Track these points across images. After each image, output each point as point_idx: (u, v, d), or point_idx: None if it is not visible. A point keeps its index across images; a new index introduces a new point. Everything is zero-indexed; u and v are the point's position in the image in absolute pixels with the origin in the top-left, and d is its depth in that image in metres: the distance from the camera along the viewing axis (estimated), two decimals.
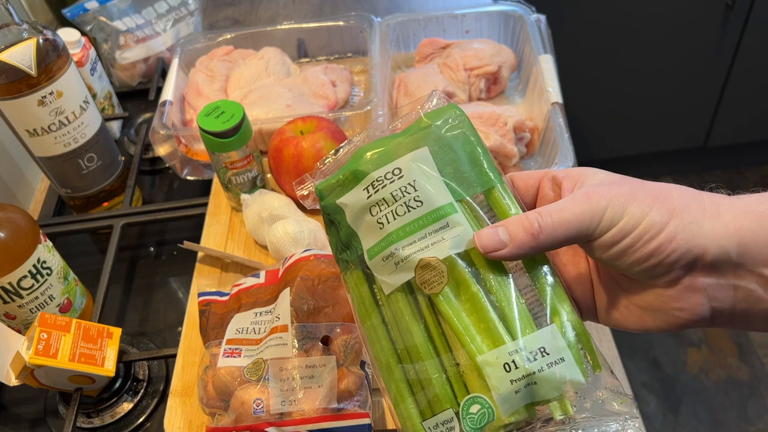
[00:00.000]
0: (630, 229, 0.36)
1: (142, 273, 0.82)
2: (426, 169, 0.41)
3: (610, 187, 0.38)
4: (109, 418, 0.66)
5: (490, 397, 0.37)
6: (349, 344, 0.54)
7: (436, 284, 0.39)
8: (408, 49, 0.93)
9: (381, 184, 0.41)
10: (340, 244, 0.44)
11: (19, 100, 0.70)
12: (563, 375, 0.36)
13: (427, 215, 0.40)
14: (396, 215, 0.40)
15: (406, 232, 0.40)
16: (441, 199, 0.40)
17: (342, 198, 0.43)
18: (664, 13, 1.53)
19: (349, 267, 0.43)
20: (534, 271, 0.40)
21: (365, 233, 0.42)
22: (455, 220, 0.39)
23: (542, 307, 0.39)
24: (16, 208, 0.66)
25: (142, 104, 1.03)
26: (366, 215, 0.42)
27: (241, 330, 0.57)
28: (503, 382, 0.36)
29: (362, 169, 0.42)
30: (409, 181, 0.40)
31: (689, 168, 2.02)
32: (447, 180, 0.41)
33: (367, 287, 0.42)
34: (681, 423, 1.59)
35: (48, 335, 0.59)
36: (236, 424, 0.51)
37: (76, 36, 0.91)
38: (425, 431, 0.39)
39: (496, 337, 0.37)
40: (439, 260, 0.39)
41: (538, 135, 0.77)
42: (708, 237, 0.36)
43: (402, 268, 0.40)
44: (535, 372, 0.36)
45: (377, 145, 0.43)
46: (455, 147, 0.42)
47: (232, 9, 1.18)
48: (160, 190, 0.93)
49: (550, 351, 0.37)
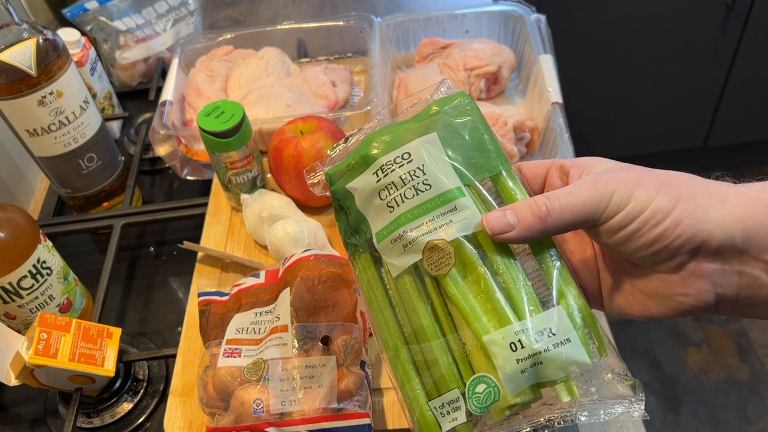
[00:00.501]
0: (636, 214, 0.36)
1: (142, 273, 0.82)
2: (435, 153, 0.41)
3: (618, 173, 0.38)
4: (109, 418, 0.66)
5: (496, 377, 0.37)
6: (349, 344, 0.54)
7: (443, 266, 0.39)
8: (408, 49, 0.93)
9: (390, 168, 0.42)
10: (349, 229, 0.44)
11: (19, 100, 0.70)
12: (569, 355, 0.37)
13: (435, 198, 0.40)
14: (405, 198, 0.41)
15: (414, 214, 0.40)
16: (449, 183, 0.40)
17: (352, 182, 0.43)
18: (664, 13, 1.53)
19: (357, 251, 0.44)
20: (541, 254, 0.40)
21: (374, 217, 0.42)
22: (463, 203, 0.40)
23: (549, 290, 0.39)
24: (16, 208, 0.66)
25: (142, 104, 1.03)
26: (375, 199, 0.42)
27: (241, 330, 0.57)
28: (509, 361, 0.36)
29: (372, 153, 0.42)
30: (418, 165, 0.41)
31: (689, 168, 2.02)
32: (455, 165, 0.41)
33: (375, 270, 0.43)
34: (681, 423, 1.59)
35: (48, 335, 0.59)
36: (236, 424, 0.51)
37: (76, 36, 0.91)
38: (431, 411, 0.39)
39: (503, 317, 0.37)
40: (446, 242, 0.39)
41: (538, 135, 0.77)
42: (713, 222, 0.36)
43: (410, 250, 0.40)
44: (541, 352, 0.36)
45: (386, 132, 0.43)
46: (464, 133, 0.42)
47: (232, 9, 1.18)
48: (160, 190, 0.93)
49: (557, 332, 0.37)
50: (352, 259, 0.44)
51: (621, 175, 0.38)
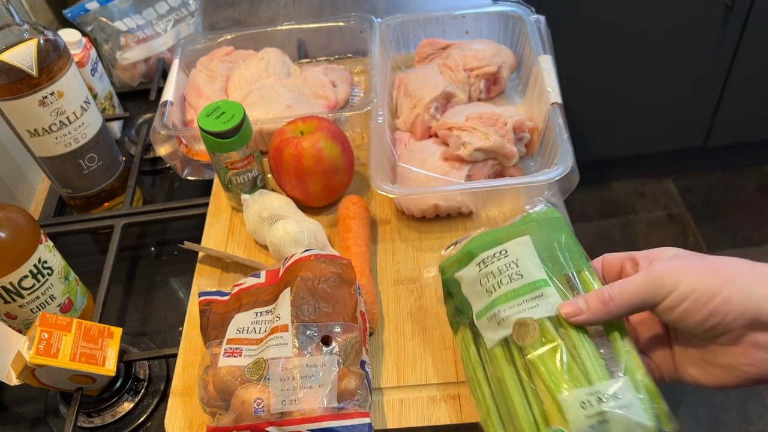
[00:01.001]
0: (687, 295, 0.43)
1: (142, 273, 0.82)
2: (527, 252, 0.52)
3: (671, 260, 0.46)
4: (109, 418, 0.67)
5: (567, 428, 0.44)
6: (350, 344, 0.54)
7: (528, 338, 0.48)
8: (408, 50, 0.93)
9: (490, 261, 0.53)
10: (455, 310, 0.56)
11: (20, 100, 0.70)
12: (632, 417, 0.43)
13: (525, 286, 0.50)
14: (500, 285, 0.51)
15: (508, 297, 0.50)
16: (537, 275, 0.50)
17: (459, 272, 0.55)
18: (664, 13, 1.53)
19: (460, 329, 0.55)
20: (612, 335, 0.48)
21: (475, 300, 0.53)
22: (548, 292, 0.49)
23: (618, 365, 0.46)
24: (17, 208, 0.66)
25: (143, 104, 1.03)
26: (477, 285, 0.53)
27: (242, 330, 0.57)
28: (579, 416, 0.43)
29: (475, 250, 0.54)
30: (513, 260, 0.51)
31: (689, 168, 2.03)
32: (543, 261, 0.51)
33: (474, 347, 0.53)
34: (681, 423, 1.59)
35: (49, 335, 0.59)
36: (237, 424, 0.51)
37: (77, 36, 0.91)
38: None
39: (577, 380, 0.45)
40: (533, 320, 0.48)
41: (537, 135, 0.77)
42: (760, 300, 0.42)
43: (503, 326, 0.50)
44: (606, 411, 0.43)
45: (488, 235, 0.56)
46: (552, 238, 0.52)
47: (232, 10, 1.18)
48: (160, 190, 0.93)
49: (622, 397, 0.44)
50: (455, 335, 0.56)
51: (673, 262, 0.46)
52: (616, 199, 2.05)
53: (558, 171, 0.66)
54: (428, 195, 0.71)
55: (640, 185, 2.07)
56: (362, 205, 0.73)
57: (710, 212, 1.99)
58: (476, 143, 0.71)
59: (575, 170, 0.66)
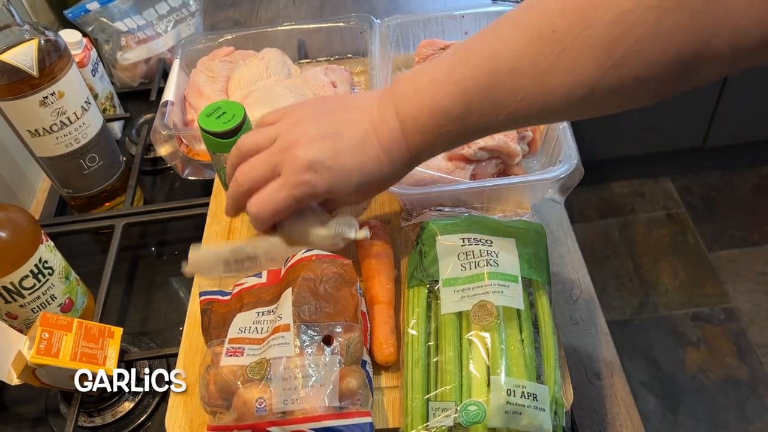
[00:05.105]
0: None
1: (143, 273, 0.82)
2: (509, 249, 0.58)
3: None
4: (110, 417, 0.67)
5: (488, 404, 0.49)
6: (351, 343, 0.54)
7: (485, 320, 0.53)
8: (408, 50, 0.94)
9: (476, 242, 0.58)
10: (420, 267, 0.59)
11: (20, 100, 0.70)
12: (539, 420, 0.49)
13: (498, 273, 0.55)
14: (477, 265, 0.56)
15: (479, 278, 0.56)
16: (512, 270, 0.56)
17: (443, 236, 0.60)
18: None
19: (418, 286, 0.58)
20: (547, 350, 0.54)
21: (445, 267, 0.57)
22: (514, 287, 0.55)
23: (543, 374, 0.52)
24: (18, 208, 0.66)
25: (144, 105, 1.03)
26: (454, 256, 0.58)
27: (244, 329, 0.57)
28: (501, 399, 0.49)
29: (467, 227, 0.60)
30: (495, 250, 0.57)
31: (688, 168, 2.03)
32: (521, 262, 0.57)
33: (426, 299, 0.57)
34: (680, 422, 1.59)
35: (49, 335, 0.59)
36: (238, 423, 0.52)
37: (78, 37, 0.91)
38: (426, 404, 0.52)
39: (512, 370, 0.51)
40: (493, 305, 0.53)
41: (540, 134, 0.77)
42: None
43: (465, 301, 0.55)
44: (524, 405, 0.49)
45: (483, 220, 0.62)
46: (533, 247, 0.59)
47: (232, 10, 1.18)
48: (161, 190, 0.93)
49: (540, 401, 0.50)
50: (410, 288, 0.59)
51: None
52: (615, 199, 2.06)
53: (563, 168, 0.66)
54: (433, 194, 0.71)
55: (639, 185, 2.07)
56: (382, 237, 0.67)
57: (709, 212, 1.99)
58: (480, 142, 0.71)
59: (580, 168, 0.66)
